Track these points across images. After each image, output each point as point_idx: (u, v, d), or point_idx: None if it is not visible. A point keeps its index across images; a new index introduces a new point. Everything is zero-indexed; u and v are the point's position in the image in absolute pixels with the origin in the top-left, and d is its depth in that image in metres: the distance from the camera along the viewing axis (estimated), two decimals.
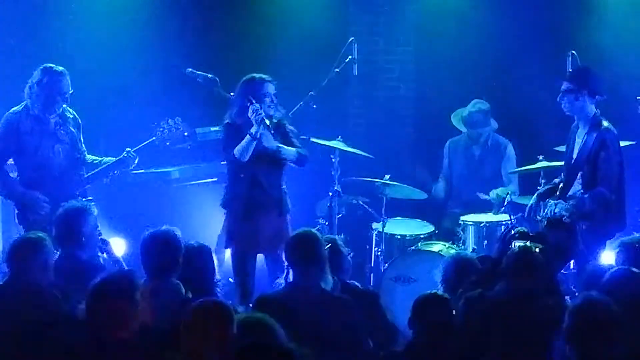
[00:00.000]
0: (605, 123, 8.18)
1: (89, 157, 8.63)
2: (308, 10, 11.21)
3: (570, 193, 8.18)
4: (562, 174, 8.44)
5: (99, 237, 7.43)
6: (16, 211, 8.39)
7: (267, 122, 8.09)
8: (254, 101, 8.14)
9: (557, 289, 6.58)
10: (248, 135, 8.11)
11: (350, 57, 9.54)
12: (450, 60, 11.08)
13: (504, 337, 5.94)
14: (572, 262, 8.52)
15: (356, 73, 9.59)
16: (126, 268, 7.30)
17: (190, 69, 9.44)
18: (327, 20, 11.18)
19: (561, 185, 8.28)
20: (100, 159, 8.64)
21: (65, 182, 8.38)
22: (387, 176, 9.51)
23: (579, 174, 8.13)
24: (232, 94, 9.19)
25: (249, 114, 8.14)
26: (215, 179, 10.07)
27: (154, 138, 8.82)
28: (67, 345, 5.48)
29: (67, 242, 7.08)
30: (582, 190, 8.08)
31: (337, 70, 9.47)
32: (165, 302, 6.10)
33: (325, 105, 9.77)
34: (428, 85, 11.29)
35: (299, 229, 6.82)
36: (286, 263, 6.48)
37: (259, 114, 8.10)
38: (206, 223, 9.55)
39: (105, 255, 7.44)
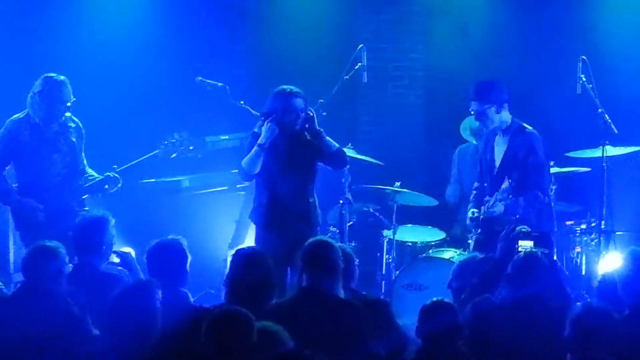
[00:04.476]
0: (528, 127, 8.15)
1: (88, 170, 8.62)
2: (317, 17, 11.23)
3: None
4: (479, 180, 8.41)
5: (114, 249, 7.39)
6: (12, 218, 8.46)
7: None
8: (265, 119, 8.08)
9: (565, 293, 6.56)
10: (256, 145, 8.04)
11: (359, 64, 9.49)
12: (459, 67, 11.05)
13: (513, 342, 5.93)
14: (583, 267, 8.49)
15: (365, 80, 9.56)
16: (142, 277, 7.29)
17: (200, 78, 9.45)
18: (336, 27, 11.20)
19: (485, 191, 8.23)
20: (95, 176, 8.56)
21: (63, 192, 8.41)
22: (398, 183, 9.49)
23: (506, 179, 7.93)
24: (242, 102, 9.22)
25: (263, 127, 8.07)
26: (225, 188, 10.08)
27: (157, 151, 8.88)
28: (79, 355, 5.50)
29: (86, 250, 7.05)
30: (511, 196, 7.93)
31: (347, 77, 9.43)
32: (172, 311, 6.09)
33: (335, 112, 9.71)
34: (437, 92, 11.26)
35: (316, 237, 6.86)
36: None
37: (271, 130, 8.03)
38: (217, 232, 9.56)
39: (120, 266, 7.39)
